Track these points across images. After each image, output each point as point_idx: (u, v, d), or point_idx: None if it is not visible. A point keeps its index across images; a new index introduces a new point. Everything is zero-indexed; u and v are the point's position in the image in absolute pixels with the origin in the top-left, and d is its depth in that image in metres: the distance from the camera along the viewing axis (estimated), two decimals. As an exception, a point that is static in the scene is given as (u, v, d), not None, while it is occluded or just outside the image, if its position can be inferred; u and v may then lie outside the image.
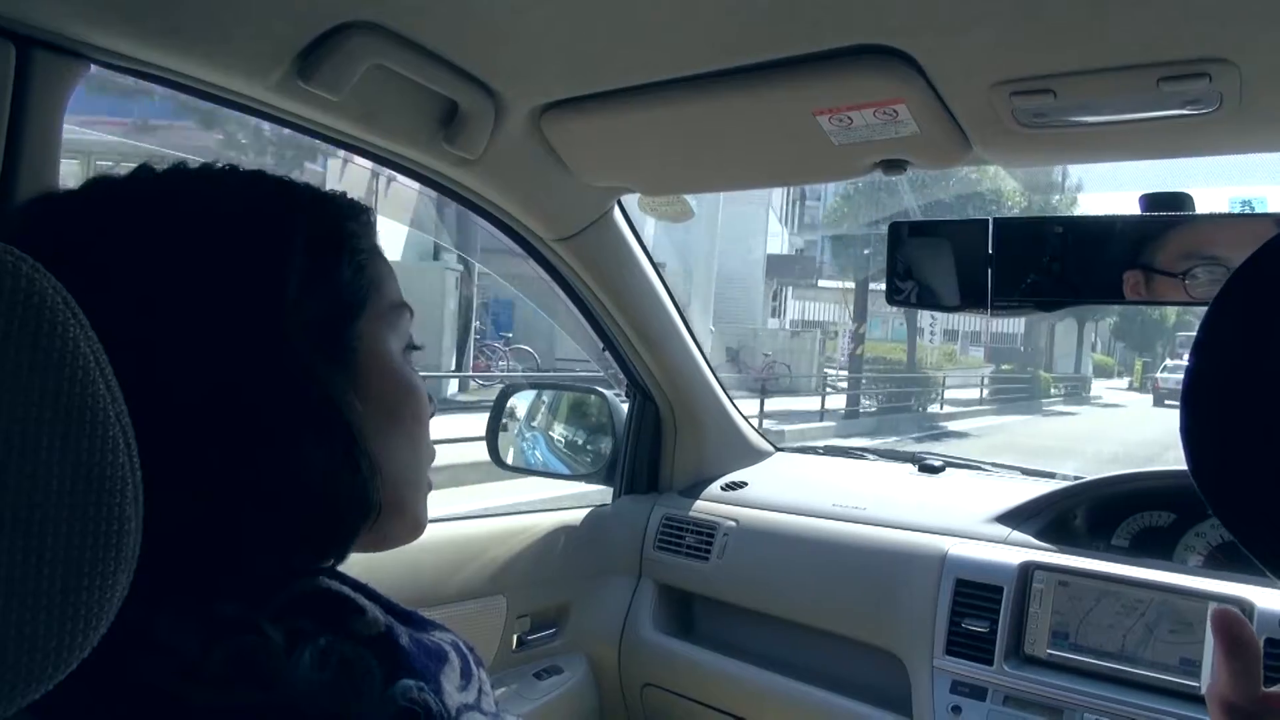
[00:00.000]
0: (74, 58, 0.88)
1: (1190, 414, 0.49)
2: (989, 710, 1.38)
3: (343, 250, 0.64)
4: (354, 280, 0.64)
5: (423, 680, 0.53)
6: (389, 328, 0.66)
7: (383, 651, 0.53)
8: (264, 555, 0.56)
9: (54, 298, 0.39)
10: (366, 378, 0.63)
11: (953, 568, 1.48)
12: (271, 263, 0.58)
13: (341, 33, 0.95)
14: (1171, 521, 1.51)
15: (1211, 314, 0.49)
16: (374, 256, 0.67)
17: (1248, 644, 0.53)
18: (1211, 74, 0.88)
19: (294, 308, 0.58)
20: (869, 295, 20.18)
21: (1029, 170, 15.99)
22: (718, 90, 1.07)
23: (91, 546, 0.40)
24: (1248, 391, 0.47)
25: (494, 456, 1.93)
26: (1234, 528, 0.48)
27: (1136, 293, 1.06)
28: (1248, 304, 0.49)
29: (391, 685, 0.52)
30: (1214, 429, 0.49)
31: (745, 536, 1.76)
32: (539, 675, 1.72)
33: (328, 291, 0.61)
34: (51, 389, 0.38)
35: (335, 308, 0.62)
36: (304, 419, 0.57)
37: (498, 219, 1.51)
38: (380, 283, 0.67)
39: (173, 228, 0.58)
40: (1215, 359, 0.49)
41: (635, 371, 1.87)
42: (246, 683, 0.50)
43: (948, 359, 27.58)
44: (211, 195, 0.62)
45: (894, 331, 31.46)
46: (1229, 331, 0.49)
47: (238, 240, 0.59)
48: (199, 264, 0.57)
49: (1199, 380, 0.49)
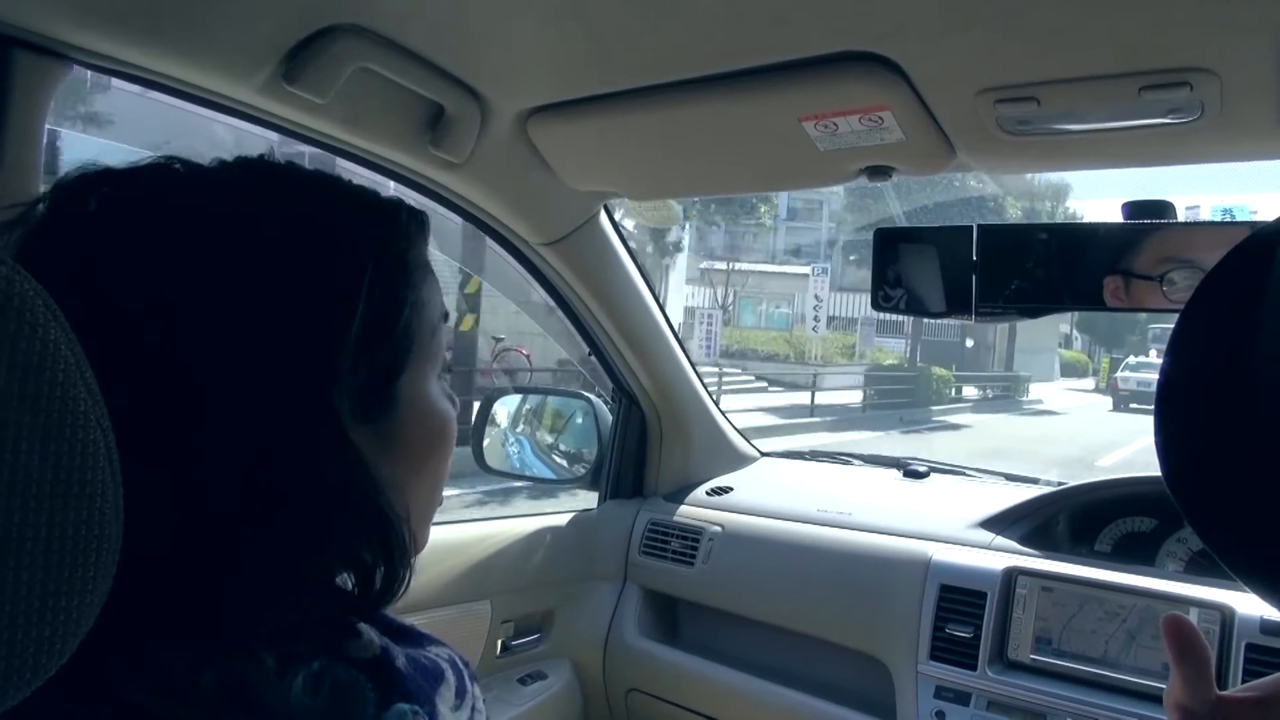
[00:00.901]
0: (55, 58, 0.87)
1: (1163, 421, 0.49)
2: (972, 715, 1.38)
3: (407, 286, 0.58)
4: (410, 322, 0.58)
5: (417, 704, 0.52)
6: (430, 363, 0.62)
7: (377, 675, 0.52)
8: (276, 600, 0.52)
9: (34, 300, 0.39)
10: (402, 430, 0.59)
11: (937, 573, 1.49)
12: (333, 313, 0.53)
13: (327, 35, 0.94)
14: (1153, 527, 1.52)
15: (1183, 320, 0.49)
16: (427, 278, 0.62)
17: (1196, 649, 0.53)
18: (1193, 83, 0.89)
19: (347, 374, 0.54)
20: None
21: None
22: (704, 96, 1.07)
23: (70, 552, 0.39)
24: (1220, 398, 0.47)
25: (479, 461, 1.93)
26: (1206, 536, 0.48)
27: (1117, 298, 1.07)
28: (1218, 309, 0.48)
29: (385, 710, 0.50)
30: (1187, 436, 0.49)
31: (730, 541, 1.76)
32: (523, 680, 1.72)
33: (384, 345, 0.57)
34: (31, 392, 0.38)
35: (387, 364, 0.57)
36: (336, 498, 0.53)
37: (484, 223, 1.51)
38: (428, 306, 0.61)
39: (230, 237, 0.52)
40: (1187, 365, 0.49)
41: (621, 376, 1.87)
42: (236, 707, 0.48)
43: (844, 354, 23.65)
44: (276, 204, 0.55)
45: (768, 319, 28.94)
46: (1201, 337, 0.49)
47: (301, 270, 0.53)
48: (250, 286, 0.51)
49: (1171, 386, 0.49)
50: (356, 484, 0.54)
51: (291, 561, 0.52)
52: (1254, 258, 0.46)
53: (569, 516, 1.87)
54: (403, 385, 0.59)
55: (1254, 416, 0.45)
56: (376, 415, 0.57)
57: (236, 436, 0.50)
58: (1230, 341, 0.47)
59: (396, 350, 0.58)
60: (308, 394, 0.52)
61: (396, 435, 0.59)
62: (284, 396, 0.51)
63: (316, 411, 0.52)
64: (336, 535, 0.53)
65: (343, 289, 0.54)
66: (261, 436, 0.50)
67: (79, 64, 0.90)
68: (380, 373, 0.57)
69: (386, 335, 0.57)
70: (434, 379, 0.63)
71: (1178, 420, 0.49)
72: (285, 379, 0.51)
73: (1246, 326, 0.46)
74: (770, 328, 27.02)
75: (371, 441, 0.56)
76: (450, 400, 0.65)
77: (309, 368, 0.52)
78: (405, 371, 0.59)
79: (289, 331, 0.52)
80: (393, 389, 0.58)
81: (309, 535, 0.52)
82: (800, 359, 21.67)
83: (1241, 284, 0.47)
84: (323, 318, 0.53)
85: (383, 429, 0.58)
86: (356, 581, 0.56)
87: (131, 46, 0.91)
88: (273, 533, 0.51)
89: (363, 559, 0.55)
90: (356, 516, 0.54)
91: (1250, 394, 0.45)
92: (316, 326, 0.53)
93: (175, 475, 0.44)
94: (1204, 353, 0.49)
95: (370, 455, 0.56)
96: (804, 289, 23.33)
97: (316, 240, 0.54)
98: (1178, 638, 0.54)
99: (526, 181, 1.39)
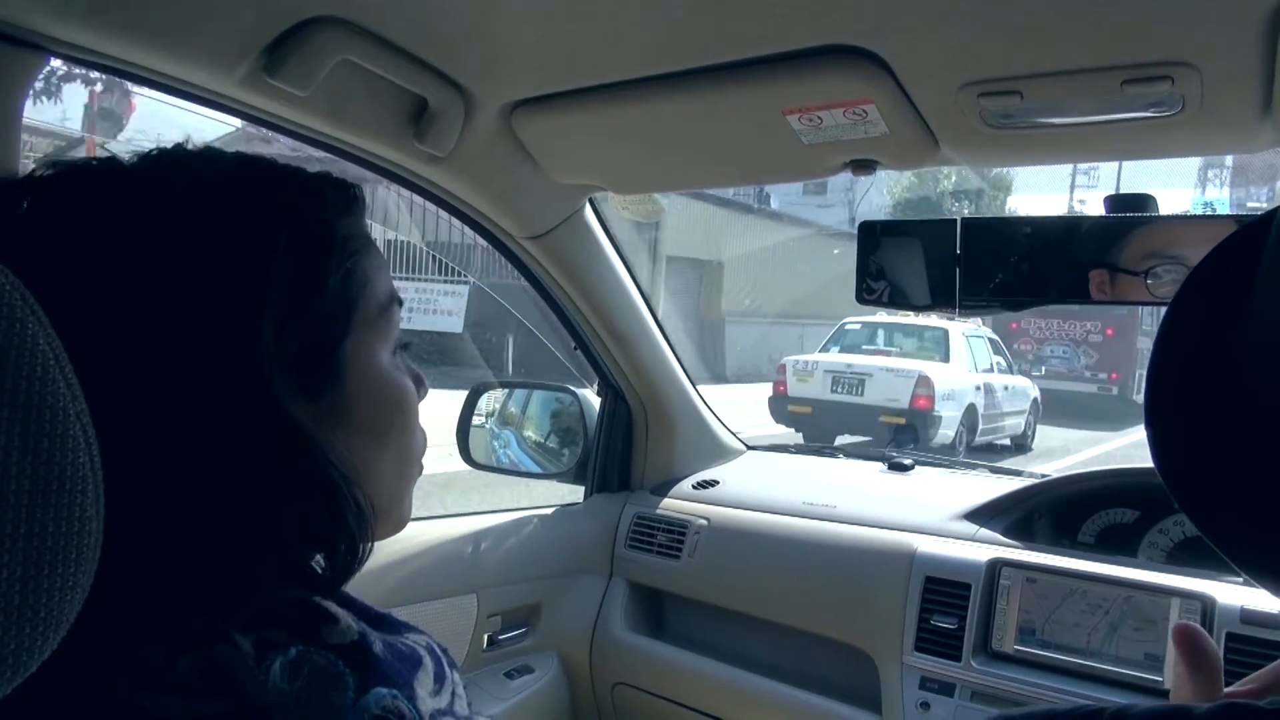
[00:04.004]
0: (32, 49, 0.86)
1: (1155, 413, 0.49)
2: (957, 706, 1.39)
3: (330, 255, 0.59)
4: (342, 290, 0.59)
5: (396, 687, 0.52)
6: (378, 336, 0.62)
7: (356, 659, 0.52)
8: (240, 582, 0.53)
9: (11, 293, 0.38)
10: (353, 402, 0.60)
11: (922, 565, 1.50)
12: (248, 287, 0.54)
13: (309, 27, 0.94)
14: (1135, 519, 1.53)
15: (1172, 312, 0.49)
16: (364, 250, 0.62)
17: (1208, 656, 0.54)
18: (1174, 77, 0.90)
19: (274, 342, 0.54)
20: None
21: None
22: (688, 89, 1.07)
23: (51, 547, 0.39)
24: (1210, 389, 0.47)
25: (464, 455, 1.92)
26: (1204, 527, 0.48)
27: (1102, 292, 1.08)
28: (1206, 302, 0.49)
29: (365, 694, 0.51)
30: (1179, 426, 0.49)
31: (716, 535, 1.77)
32: (510, 675, 1.72)
33: (312, 315, 0.57)
34: (9, 387, 0.37)
35: (320, 333, 0.58)
36: (282, 474, 0.54)
37: (469, 217, 1.50)
38: (369, 282, 0.62)
39: (143, 227, 0.54)
40: (1177, 357, 0.49)
41: (607, 370, 1.87)
42: (212, 693, 0.49)
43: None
44: (186, 190, 0.56)
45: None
46: (1190, 329, 0.49)
47: (213, 251, 0.54)
48: (168, 273, 0.53)
49: (1162, 378, 0.49)
50: (298, 456, 0.55)
51: (245, 537, 0.53)
52: (1242, 250, 0.47)
53: (555, 510, 1.87)
54: (347, 358, 0.60)
55: (1245, 406, 0.45)
56: (320, 389, 0.58)
57: (171, 418, 0.51)
58: (1219, 333, 0.47)
59: (330, 317, 0.59)
60: (235, 369, 0.53)
61: (348, 409, 0.60)
62: (212, 374, 0.52)
63: (248, 386, 0.53)
64: (284, 508, 0.54)
65: (254, 261, 0.55)
66: (195, 415, 0.52)
67: (56, 55, 0.89)
68: (314, 343, 0.58)
69: (313, 300, 0.58)
70: (384, 353, 0.63)
71: (1169, 412, 0.49)
72: (210, 355, 0.52)
73: (1235, 318, 0.46)
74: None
75: (322, 416, 0.57)
76: (415, 376, 0.67)
77: (231, 342, 0.53)
78: (346, 342, 0.59)
79: (207, 309, 0.53)
80: (336, 361, 0.59)
81: (256, 510, 0.53)
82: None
83: (1230, 276, 0.47)
84: (237, 291, 0.54)
85: (332, 403, 0.59)
86: (324, 558, 0.57)
87: (110, 38, 0.90)
88: (220, 509, 0.52)
89: (322, 533, 0.56)
90: (303, 488, 0.55)
91: (1241, 384, 0.45)
92: (232, 301, 0.54)
93: (118, 463, 0.44)
94: (1194, 344, 0.49)
95: (322, 430, 0.57)
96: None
97: (223, 218, 0.56)
98: (1191, 647, 0.54)
99: (511, 175, 1.38)
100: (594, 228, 1.64)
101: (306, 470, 0.55)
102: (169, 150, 0.60)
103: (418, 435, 0.67)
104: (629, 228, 2.96)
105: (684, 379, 1.95)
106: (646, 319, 1.81)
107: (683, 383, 1.95)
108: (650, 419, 1.95)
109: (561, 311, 1.75)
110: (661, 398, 1.92)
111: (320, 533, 0.56)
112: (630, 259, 1.73)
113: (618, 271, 1.72)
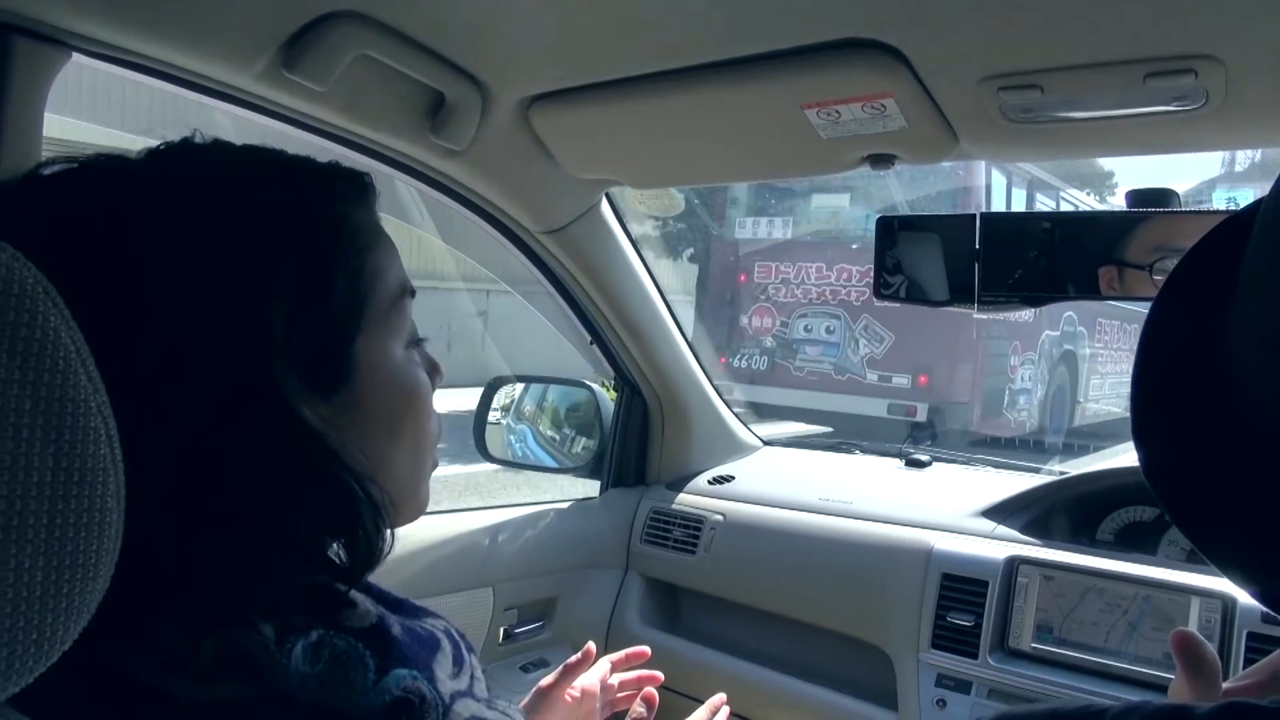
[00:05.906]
0: (55, 45, 0.87)
1: (1138, 414, 0.48)
2: (974, 703, 1.39)
3: (339, 251, 0.58)
4: (351, 286, 0.59)
5: (416, 669, 0.53)
6: (389, 332, 0.62)
7: (375, 642, 0.53)
8: (256, 572, 0.53)
9: (34, 287, 0.39)
10: (365, 398, 0.59)
11: (939, 562, 1.49)
12: (259, 280, 0.54)
13: (327, 22, 0.94)
14: (1155, 517, 1.52)
15: (1156, 308, 0.48)
16: (375, 243, 0.62)
17: (1206, 661, 0.54)
18: (1198, 70, 0.89)
19: (284, 337, 0.54)
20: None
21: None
22: (706, 83, 1.06)
23: (73, 539, 0.39)
24: (1193, 388, 0.46)
25: (481, 449, 1.93)
26: (1185, 529, 0.47)
27: (1112, 288, 1.07)
28: (1190, 298, 0.47)
29: (385, 675, 0.51)
30: (1162, 429, 0.48)
31: (732, 530, 1.76)
32: (525, 668, 1.72)
33: (321, 312, 0.57)
34: (32, 380, 0.38)
35: (330, 331, 0.57)
36: (293, 471, 0.53)
37: (485, 211, 1.50)
38: (380, 276, 0.61)
39: (153, 221, 0.53)
40: (1160, 355, 0.48)
41: (623, 365, 1.87)
42: (235, 677, 0.49)
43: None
44: (196, 183, 0.56)
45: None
46: (1173, 326, 0.47)
47: (222, 244, 0.54)
48: (179, 266, 0.52)
49: (1146, 378, 0.48)
50: (308, 455, 0.54)
51: (259, 531, 0.52)
52: (1226, 244, 0.45)
53: (571, 504, 1.87)
54: (359, 353, 0.59)
55: (1228, 407, 0.43)
56: (334, 385, 0.58)
57: (185, 412, 0.51)
58: (1202, 331, 0.46)
59: (340, 315, 0.58)
60: (246, 364, 0.53)
61: (361, 404, 0.59)
62: (222, 373, 0.52)
63: (257, 383, 0.53)
64: (299, 503, 0.54)
65: (261, 257, 0.54)
66: (208, 410, 0.51)
67: (78, 52, 0.90)
68: (326, 339, 0.57)
69: (322, 299, 0.57)
70: (397, 347, 0.63)
71: (1152, 413, 0.48)
72: (221, 350, 0.52)
73: (1218, 315, 0.44)
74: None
75: (336, 414, 0.57)
76: (430, 365, 0.66)
77: (242, 336, 0.53)
78: (358, 339, 0.59)
79: (215, 306, 0.52)
80: (347, 357, 0.58)
81: (269, 505, 0.53)
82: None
83: (1213, 271, 0.46)
84: (244, 288, 0.54)
85: (345, 399, 0.58)
86: (344, 549, 0.57)
87: (131, 34, 0.90)
88: (233, 504, 0.52)
89: (340, 526, 0.56)
90: (317, 484, 0.54)
91: (1224, 383, 0.43)
92: (240, 297, 0.53)
93: (135, 456, 0.44)
94: (1177, 342, 0.47)
95: (336, 427, 0.56)
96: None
97: (228, 213, 0.55)
98: (1188, 653, 0.54)
99: (528, 169, 1.39)
100: (610, 222, 1.63)
101: (317, 468, 0.55)
102: (178, 143, 0.60)
103: (433, 423, 0.67)
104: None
105: (700, 374, 1.95)
106: (663, 314, 1.81)
107: (699, 378, 1.95)
108: (666, 414, 1.95)
109: (578, 306, 1.75)
110: (677, 393, 1.92)
111: (338, 524, 0.56)
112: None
113: (634, 266, 1.72)
